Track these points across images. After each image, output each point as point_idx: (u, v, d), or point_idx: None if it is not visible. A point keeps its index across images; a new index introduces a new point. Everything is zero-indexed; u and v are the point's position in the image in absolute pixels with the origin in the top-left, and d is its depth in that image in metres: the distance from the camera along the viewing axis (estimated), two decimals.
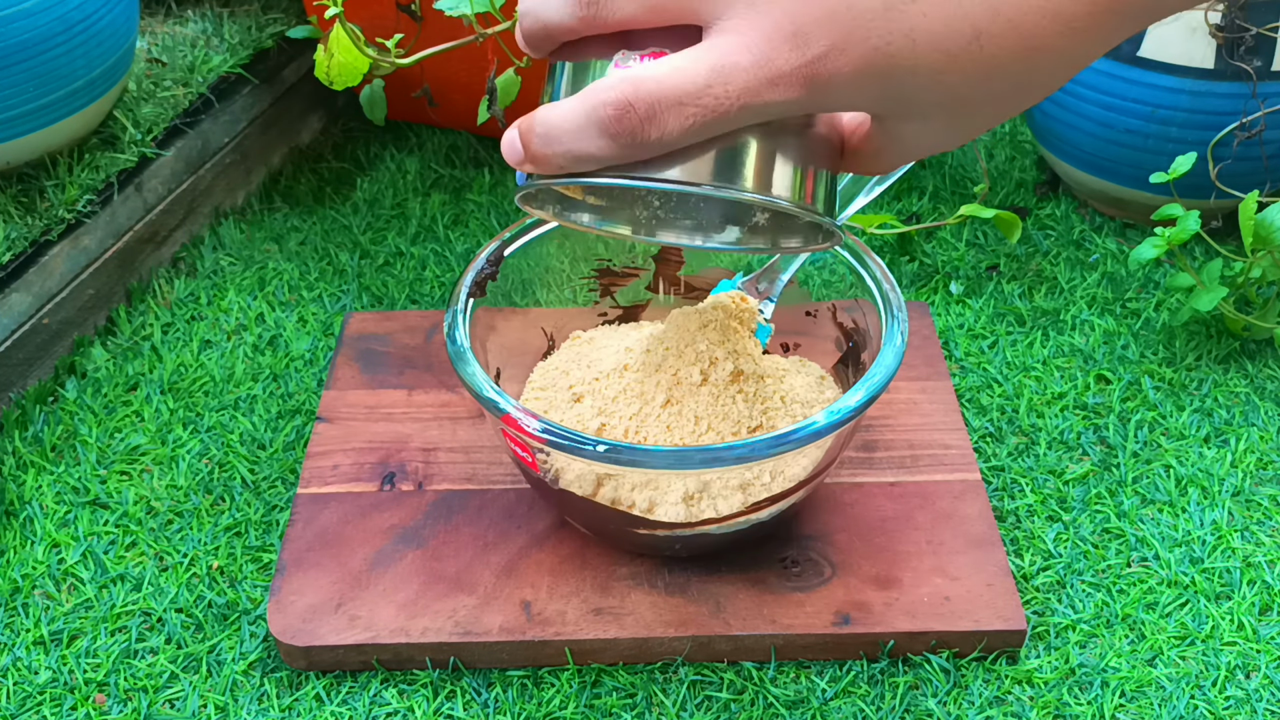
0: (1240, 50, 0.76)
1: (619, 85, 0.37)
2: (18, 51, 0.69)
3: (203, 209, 0.87)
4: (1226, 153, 0.79)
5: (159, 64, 0.88)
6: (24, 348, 0.73)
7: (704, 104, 0.36)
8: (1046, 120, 0.87)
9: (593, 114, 0.37)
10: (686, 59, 0.36)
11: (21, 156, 0.74)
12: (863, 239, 0.83)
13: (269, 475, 0.68)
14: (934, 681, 0.58)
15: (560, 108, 0.38)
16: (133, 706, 0.57)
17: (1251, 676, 0.58)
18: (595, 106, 0.37)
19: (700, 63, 0.36)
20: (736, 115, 0.37)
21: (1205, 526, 0.65)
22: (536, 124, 0.39)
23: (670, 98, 0.36)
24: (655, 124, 0.37)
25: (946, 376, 0.71)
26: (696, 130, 0.37)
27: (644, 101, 0.36)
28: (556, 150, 0.38)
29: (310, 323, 0.79)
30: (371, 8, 0.82)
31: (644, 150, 0.37)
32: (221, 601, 0.61)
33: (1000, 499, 0.67)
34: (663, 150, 0.38)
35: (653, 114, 0.36)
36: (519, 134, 0.39)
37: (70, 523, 0.65)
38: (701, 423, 0.57)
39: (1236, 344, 0.76)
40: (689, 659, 0.58)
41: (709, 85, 0.36)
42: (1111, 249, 0.85)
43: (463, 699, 0.57)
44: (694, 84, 0.36)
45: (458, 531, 0.62)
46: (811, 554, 0.61)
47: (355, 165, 0.95)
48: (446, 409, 0.70)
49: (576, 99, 0.38)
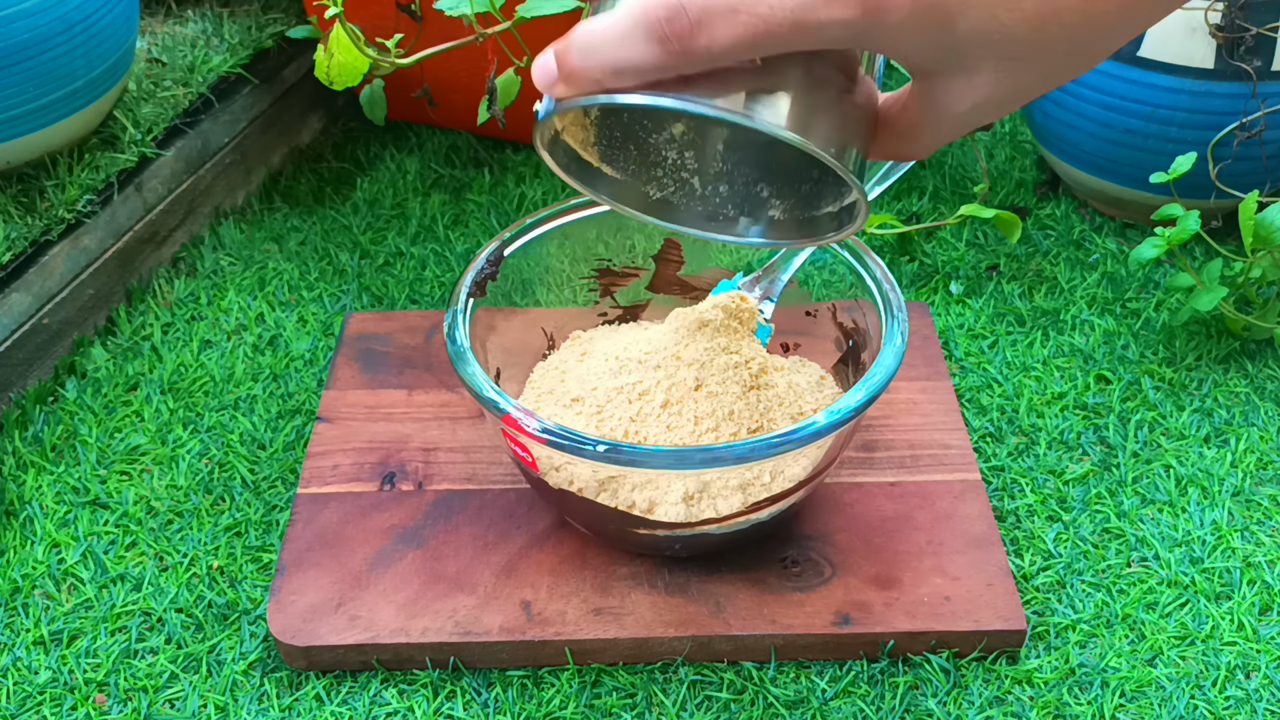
0: (1240, 50, 0.76)
1: None
2: (18, 51, 0.69)
3: (203, 209, 0.87)
4: (1226, 153, 0.79)
5: (159, 64, 0.88)
6: (24, 348, 0.73)
7: (757, 13, 0.35)
8: (1046, 120, 0.87)
9: (642, 17, 0.36)
10: None
11: (21, 156, 0.74)
12: (863, 239, 0.83)
13: (269, 475, 0.68)
14: (934, 681, 0.58)
15: (603, 18, 0.37)
16: (133, 706, 0.57)
17: (1251, 676, 0.58)
18: (644, 11, 0.35)
19: None
20: (788, 34, 0.35)
21: (1205, 526, 0.65)
22: (575, 37, 0.37)
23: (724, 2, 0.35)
24: (705, 30, 0.35)
25: (946, 376, 0.71)
26: (745, 45, 0.36)
27: (696, 4, 0.35)
28: (596, 61, 0.37)
29: (310, 323, 0.79)
30: (371, 8, 0.82)
31: (689, 59, 0.36)
32: (221, 601, 0.61)
33: (1000, 499, 0.67)
34: (709, 64, 0.36)
35: (704, 18, 0.35)
36: (554, 53, 0.38)
37: (70, 523, 0.65)
38: (701, 423, 0.57)
39: (1236, 344, 0.76)
40: (689, 659, 0.58)
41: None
42: (1111, 249, 0.85)
43: (463, 699, 0.57)
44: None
45: (458, 531, 0.62)
46: (811, 554, 0.61)
47: (355, 165, 0.95)
48: (446, 409, 0.70)
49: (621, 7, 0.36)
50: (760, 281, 0.63)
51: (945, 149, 0.94)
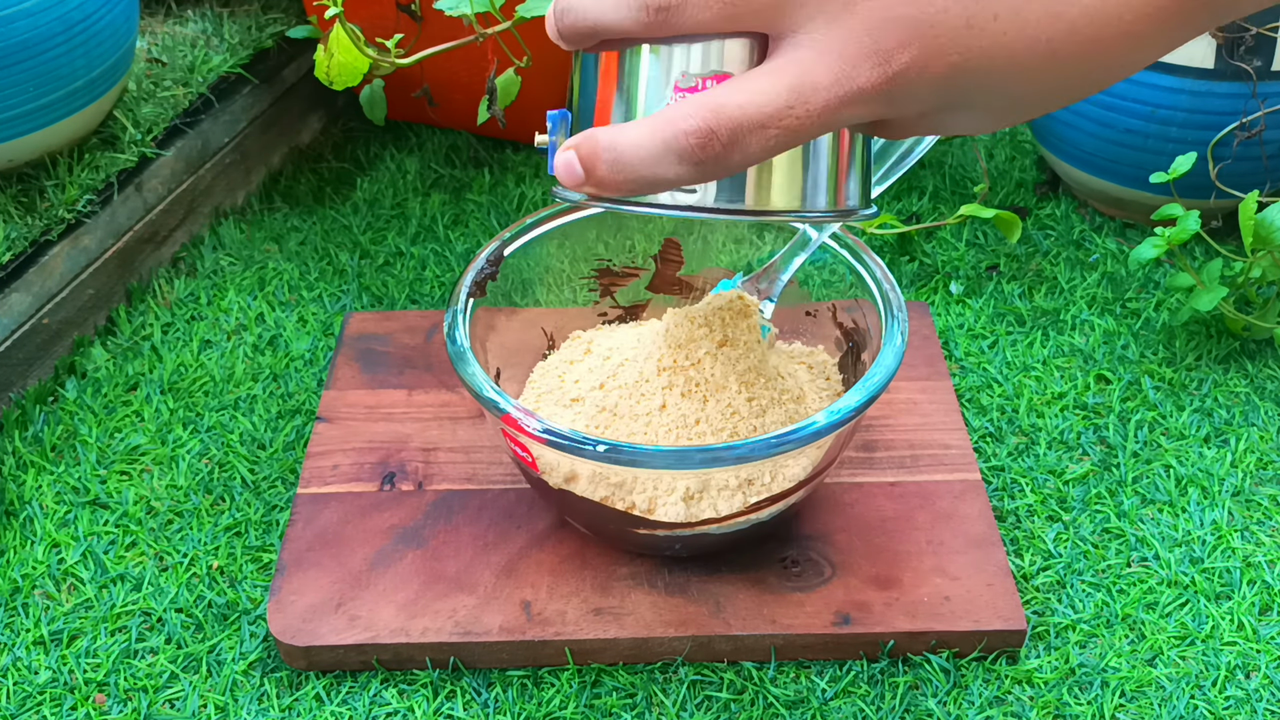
0: (1240, 50, 0.76)
1: (699, 113, 0.36)
2: (18, 51, 0.69)
3: (203, 209, 0.87)
4: (1226, 153, 0.79)
5: (159, 64, 0.88)
6: (24, 348, 0.73)
7: (785, 125, 0.35)
8: (1046, 120, 0.87)
9: (673, 143, 0.36)
10: (764, 80, 0.36)
11: (21, 156, 0.74)
12: (863, 239, 0.83)
13: (269, 475, 0.68)
14: (934, 681, 0.58)
15: (633, 133, 0.37)
16: (133, 706, 0.57)
17: (1251, 676, 0.58)
18: (676, 135, 0.36)
19: (779, 83, 0.35)
20: (815, 132, 0.36)
21: (1205, 526, 0.65)
22: (603, 149, 0.37)
23: (753, 122, 0.35)
24: (738, 149, 0.36)
25: (946, 376, 0.71)
26: (774, 150, 0.36)
27: (726, 129, 0.35)
28: (627, 177, 0.37)
29: (310, 323, 0.79)
30: (371, 8, 0.82)
31: (724, 174, 0.37)
32: (221, 601, 0.61)
33: (1000, 499, 0.67)
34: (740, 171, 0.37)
35: (735, 140, 0.36)
36: (579, 157, 0.38)
37: (70, 523, 0.65)
38: (702, 423, 0.57)
39: (1236, 344, 0.76)
40: (689, 659, 0.58)
41: (790, 106, 0.35)
42: (1111, 249, 0.85)
43: (463, 699, 0.57)
44: (775, 106, 0.35)
45: (458, 531, 0.62)
46: (811, 554, 0.61)
47: (355, 165, 0.95)
48: (446, 409, 0.70)
49: (651, 125, 0.36)
50: (760, 281, 0.63)
51: (945, 149, 0.94)
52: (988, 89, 0.36)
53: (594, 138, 0.37)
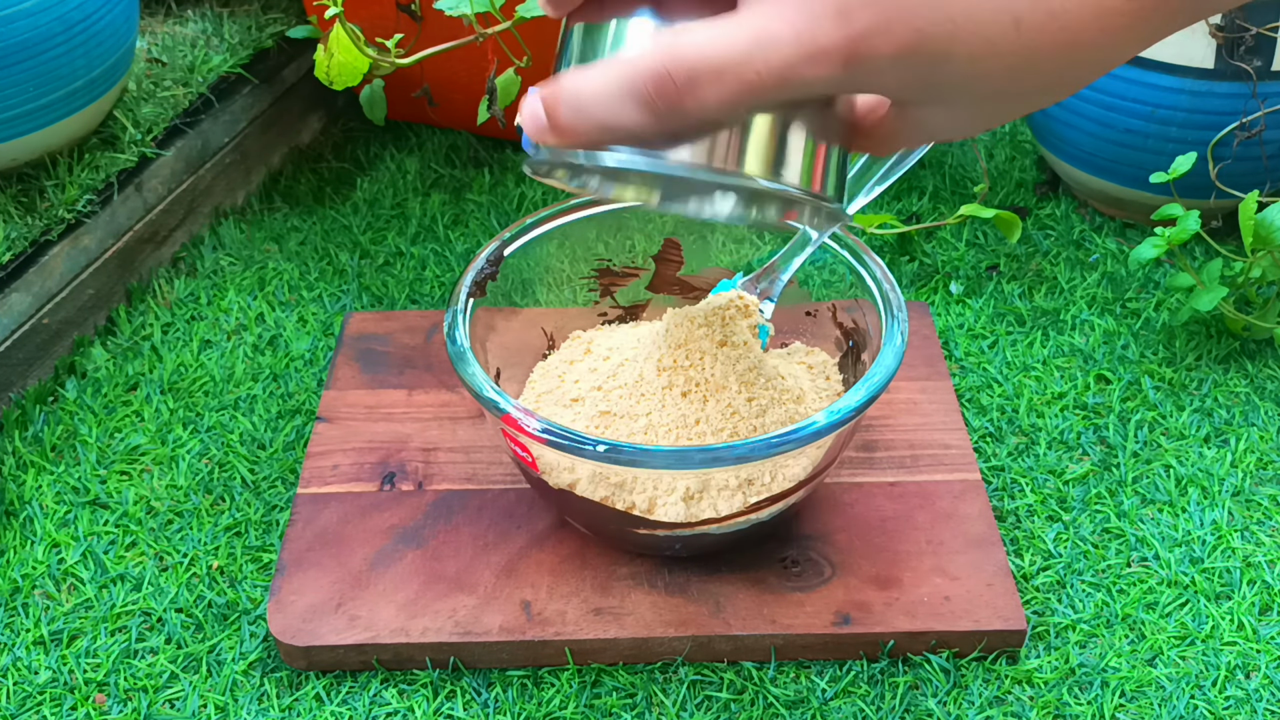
0: (1240, 50, 0.76)
1: (655, 53, 0.35)
2: (18, 51, 0.69)
3: (203, 209, 0.87)
4: (1226, 153, 0.79)
5: (159, 64, 0.88)
6: (24, 348, 0.73)
7: (743, 77, 0.35)
8: (1046, 120, 0.87)
9: (628, 83, 0.35)
10: (725, 27, 0.35)
11: (21, 156, 0.74)
12: (863, 239, 0.83)
13: (269, 475, 0.68)
14: (934, 681, 0.58)
15: (590, 75, 0.36)
16: (133, 706, 0.57)
17: (1251, 676, 0.58)
18: (631, 75, 0.35)
19: (740, 32, 0.35)
20: (773, 91, 0.35)
21: (1205, 526, 0.65)
22: (564, 92, 0.37)
23: (709, 67, 0.35)
24: (693, 95, 0.35)
25: (946, 376, 0.71)
26: (732, 106, 0.35)
27: (682, 70, 0.35)
28: (587, 122, 0.36)
29: (310, 323, 0.79)
30: (371, 8, 0.82)
31: (679, 124, 0.36)
32: (221, 601, 0.61)
33: (1000, 499, 0.67)
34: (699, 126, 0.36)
35: (691, 84, 0.35)
36: (542, 103, 0.37)
37: (70, 523, 0.65)
38: (702, 423, 0.57)
39: (1236, 344, 0.76)
40: (689, 659, 0.58)
41: (749, 56, 0.34)
42: (1111, 249, 0.85)
43: (463, 699, 0.57)
44: (733, 54, 0.34)
45: (458, 531, 0.62)
46: (811, 554, 0.61)
47: (355, 165, 0.95)
48: (446, 409, 0.70)
49: (608, 66, 0.36)
50: (760, 281, 0.63)
51: (945, 149, 0.94)
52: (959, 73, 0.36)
53: (557, 80, 0.37)
